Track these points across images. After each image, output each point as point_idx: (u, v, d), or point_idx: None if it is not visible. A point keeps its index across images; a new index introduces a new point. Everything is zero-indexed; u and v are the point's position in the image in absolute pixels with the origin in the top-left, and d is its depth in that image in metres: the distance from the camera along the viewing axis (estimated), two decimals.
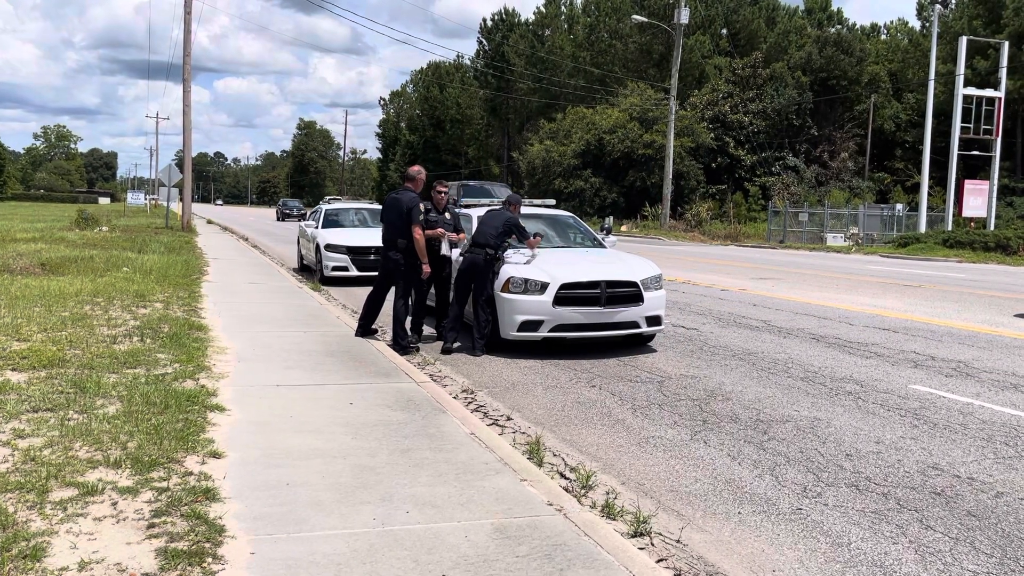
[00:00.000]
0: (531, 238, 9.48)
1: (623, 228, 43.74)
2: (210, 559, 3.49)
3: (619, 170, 49.28)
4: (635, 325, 9.12)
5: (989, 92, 33.50)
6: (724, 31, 59.35)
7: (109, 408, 5.59)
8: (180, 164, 33.96)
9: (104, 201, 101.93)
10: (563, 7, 72.50)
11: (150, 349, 7.63)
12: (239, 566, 3.47)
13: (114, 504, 4.02)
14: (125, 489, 4.19)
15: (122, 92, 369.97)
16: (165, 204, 37.60)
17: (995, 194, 34.24)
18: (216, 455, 4.82)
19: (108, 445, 4.83)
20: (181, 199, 33.54)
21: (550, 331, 8.84)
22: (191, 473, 4.48)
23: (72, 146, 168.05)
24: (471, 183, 26.63)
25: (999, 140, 33.82)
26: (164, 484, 4.28)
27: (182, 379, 6.54)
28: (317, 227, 17.51)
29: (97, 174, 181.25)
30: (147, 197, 68.58)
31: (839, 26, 61.73)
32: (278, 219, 57.90)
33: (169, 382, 6.37)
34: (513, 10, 75.64)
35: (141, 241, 22.65)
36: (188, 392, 6.09)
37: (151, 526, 3.78)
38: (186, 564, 3.43)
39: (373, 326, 9.56)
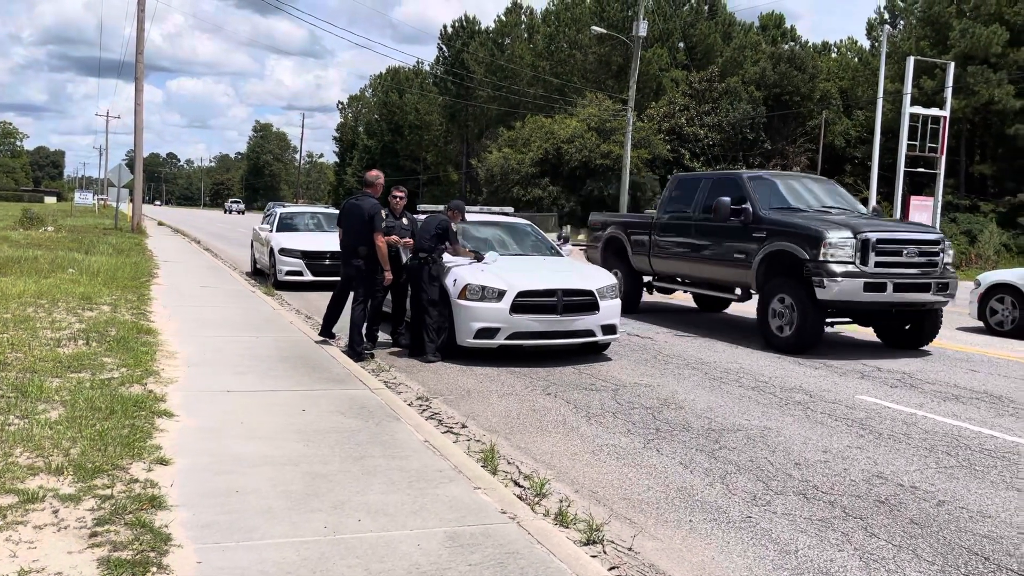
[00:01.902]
0: (459, 243, 9.49)
1: (580, 237, 43.98)
2: (155, 568, 3.41)
3: (577, 179, 49.57)
4: (591, 333, 9.17)
5: (935, 111, 34.46)
6: (681, 45, 60.15)
7: (52, 413, 5.44)
8: (131, 164, 33.29)
9: (50, 200, 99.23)
10: (523, 16, 72.74)
11: (96, 353, 7.44)
12: (185, 575, 3.40)
13: (55, 512, 3.91)
14: (67, 496, 4.08)
15: (71, 89, 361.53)
16: (114, 205, 36.80)
17: (939, 210, 35.18)
18: (163, 462, 4.72)
19: (50, 451, 4.70)
20: (131, 200, 32.85)
21: (507, 339, 8.85)
22: (137, 480, 4.38)
23: (18, 143, 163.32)
24: (762, 176, 12.16)
25: (944, 158, 34.79)
26: (108, 492, 4.17)
27: (129, 384, 6.39)
28: (272, 231, 17.28)
29: (44, 172, 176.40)
30: (96, 197, 66.99)
31: (792, 43, 62.95)
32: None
33: (115, 387, 6.22)
34: (474, 17, 75.71)
35: (88, 242, 22.12)
36: (135, 397, 5.95)
37: (94, 535, 3.69)
38: (129, 573, 3.35)
39: (333, 330, 9.48)
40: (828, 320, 10.37)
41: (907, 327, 10.87)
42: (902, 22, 52.20)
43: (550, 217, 44.62)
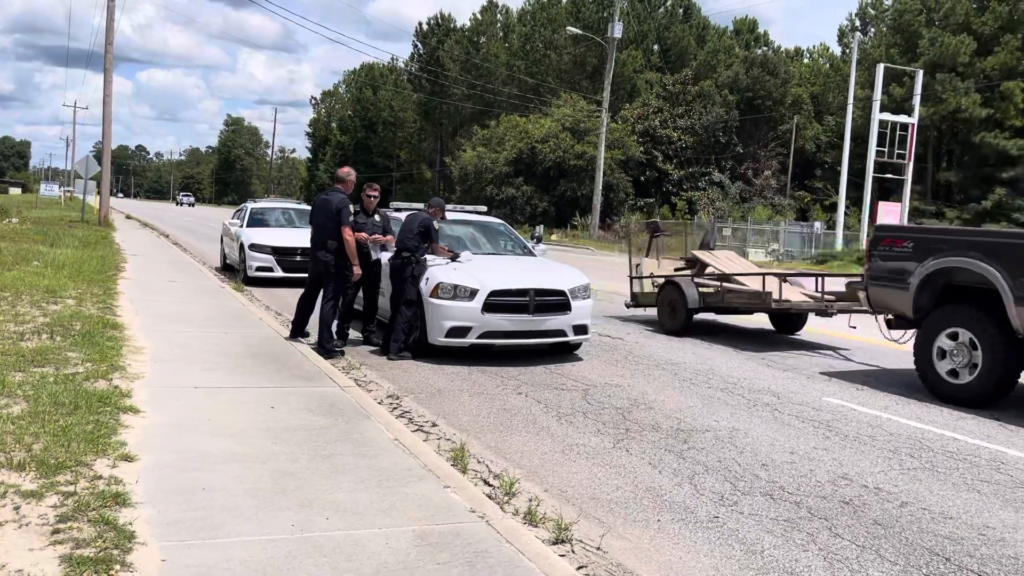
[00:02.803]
0: (440, 243, 9.45)
1: (553, 237, 44.05)
2: (118, 566, 3.36)
3: (551, 179, 49.68)
4: (562, 333, 9.19)
5: (903, 118, 35.00)
6: (656, 47, 60.53)
7: (14, 408, 5.34)
8: (98, 156, 32.78)
9: (15, 191, 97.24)
10: (499, 15, 72.73)
11: (60, 347, 7.32)
12: (149, 573, 3.36)
13: (16, 508, 3.84)
14: (29, 493, 4.01)
15: (38, 79, 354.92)
16: (81, 197, 36.21)
17: (907, 216, 35.76)
18: (128, 458, 4.66)
19: (11, 447, 4.61)
20: (99, 192, 32.35)
21: (478, 337, 8.84)
22: (100, 477, 4.32)
23: None
24: None
25: (911, 164, 35.36)
26: (71, 488, 4.11)
27: (94, 379, 6.30)
28: (242, 226, 17.11)
29: (8, 163, 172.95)
30: (62, 189, 65.89)
31: (765, 48, 63.58)
32: None
33: (80, 382, 6.13)
34: (449, 15, 75.52)
35: (54, 235, 21.75)
36: (100, 393, 5.86)
37: (56, 532, 3.63)
38: (92, 571, 3.30)
39: (307, 328, 9.41)
40: None
41: None
42: (873, 29, 52.95)
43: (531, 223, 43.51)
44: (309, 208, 11.67)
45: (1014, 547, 4.57)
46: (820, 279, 11.28)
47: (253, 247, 15.80)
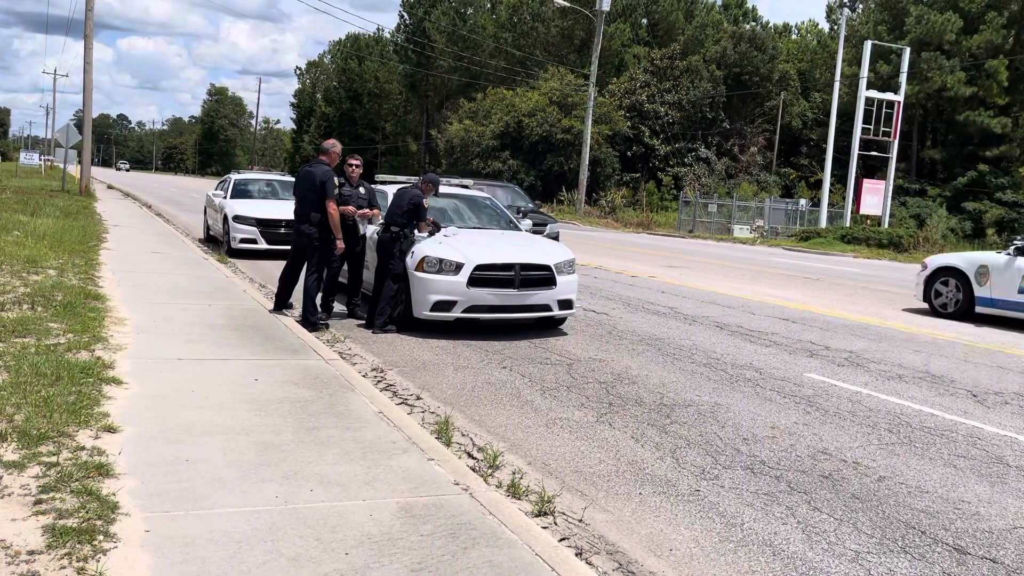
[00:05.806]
0: (426, 221, 9.40)
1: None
2: (101, 536, 3.37)
3: (537, 154, 49.47)
4: (547, 308, 9.21)
5: (889, 95, 35.05)
6: (644, 21, 60.14)
7: None
8: (79, 124, 32.32)
9: None
10: None
11: (41, 318, 7.26)
12: (132, 544, 3.36)
13: None
14: (11, 463, 4.00)
15: (17, 45, 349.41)
16: (62, 166, 35.75)
17: (890, 194, 35.94)
18: (111, 429, 4.64)
19: None
20: (79, 162, 31.93)
21: (463, 311, 8.84)
22: (83, 448, 4.31)
23: None
24: None
25: (896, 142, 35.48)
26: (54, 459, 4.10)
27: (76, 350, 6.26)
28: (226, 197, 16.97)
29: None
30: (42, 158, 65.03)
31: (753, 23, 63.32)
32: None
33: (62, 353, 6.09)
34: None
35: (34, 204, 21.49)
36: (82, 364, 5.83)
37: (38, 502, 3.62)
38: (75, 542, 3.30)
39: (291, 301, 9.36)
40: None
41: None
42: (860, 6, 52.82)
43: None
44: (293, 180, 11.56)
45: (988, 521, 4.65)
46: None
47: (237, 219, 15.69)
